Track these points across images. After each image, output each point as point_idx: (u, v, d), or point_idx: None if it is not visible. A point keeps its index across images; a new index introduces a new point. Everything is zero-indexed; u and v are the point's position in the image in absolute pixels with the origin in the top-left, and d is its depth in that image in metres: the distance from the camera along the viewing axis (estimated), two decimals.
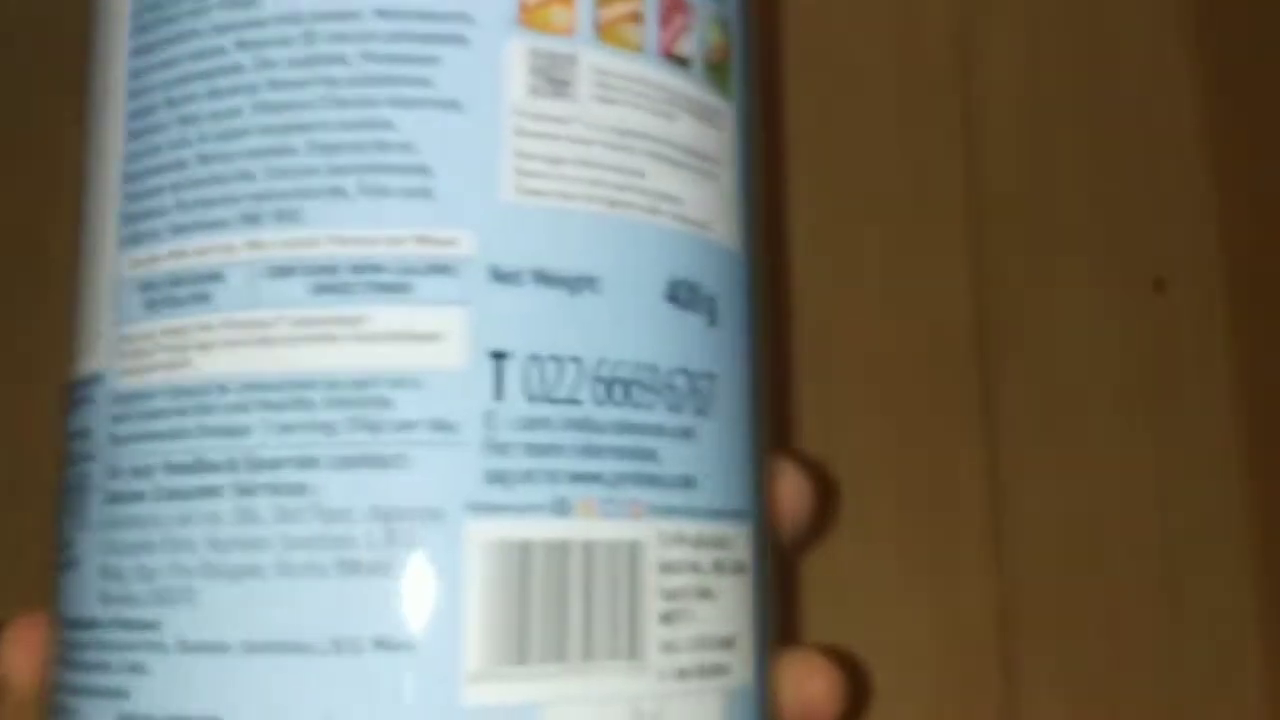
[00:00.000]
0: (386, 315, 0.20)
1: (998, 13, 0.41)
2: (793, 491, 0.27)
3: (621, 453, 0.20)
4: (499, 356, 0.20)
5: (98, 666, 0.20)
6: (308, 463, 0.19)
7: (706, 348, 0.22)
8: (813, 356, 0.37)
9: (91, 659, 0.20)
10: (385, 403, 0.19)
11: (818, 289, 0.38)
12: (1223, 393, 0.38)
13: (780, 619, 0.25)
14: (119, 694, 0.20)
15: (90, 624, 0.21)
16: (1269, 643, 0.36)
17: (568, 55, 0.21)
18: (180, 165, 0.21)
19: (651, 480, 0.21)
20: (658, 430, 0.21)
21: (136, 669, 0.20)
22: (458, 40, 0.21)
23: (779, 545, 0.26)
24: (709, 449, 0.22)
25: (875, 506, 0.37)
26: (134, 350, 0.21)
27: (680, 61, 0.23)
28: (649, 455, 0.21)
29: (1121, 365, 0.38)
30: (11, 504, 0.36)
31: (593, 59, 0.21)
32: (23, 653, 0.23)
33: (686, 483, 0.21)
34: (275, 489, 0.19)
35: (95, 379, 0.21)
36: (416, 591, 0.19)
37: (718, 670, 0.21)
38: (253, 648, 0.19)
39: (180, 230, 0.21)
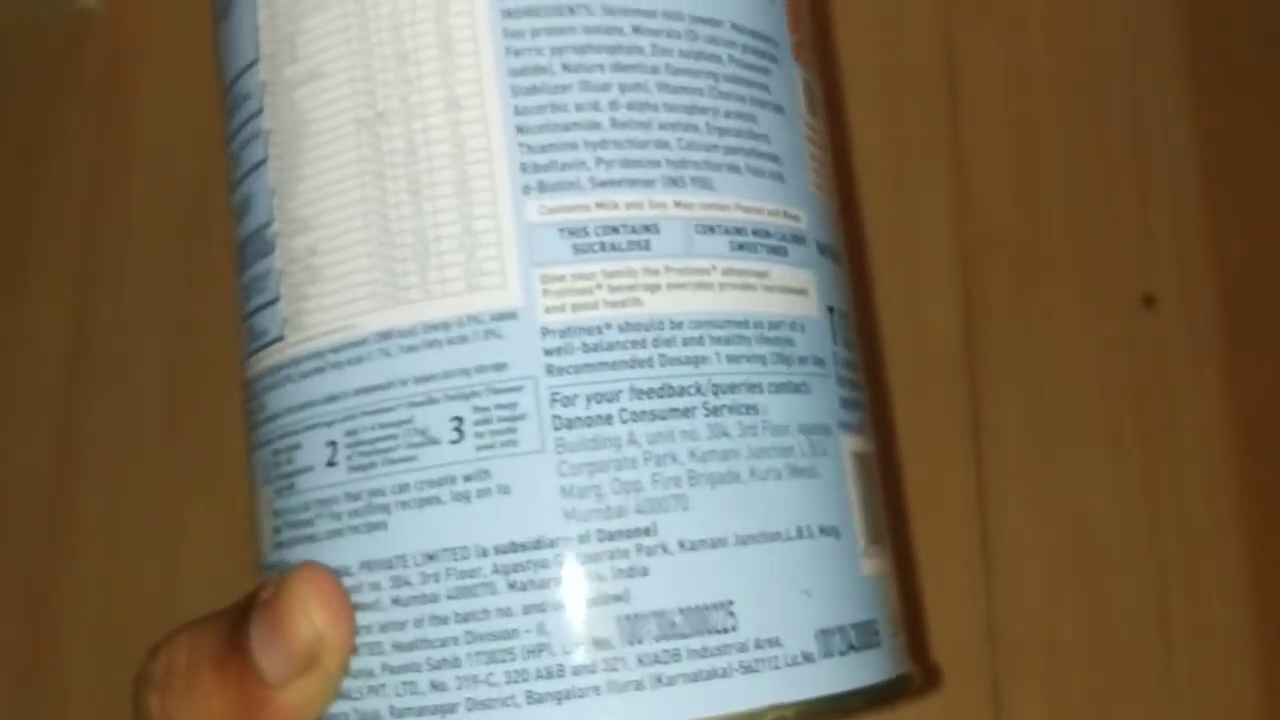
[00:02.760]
0: (779, 271, 0.25)
1: (983, 34, 0.41)
2: None
3: (864, 389, 0.27)
4: (831, 310, 0.26)
5: (570, 579, 0.22)
6: (754, 388, 0.23)
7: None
8: None
9: (557, 574, 0.22)
10: (790, 341, 0.24)
11: None
12: (1216, 410, 0.37)
13: None
14: (613, 599, 0.22)
15: (550, 542, 0.22)
16: (1265, 669, 0.35)
17: (813, 86, 0.27)
18: (593, 125, 0.23)
19: (867, 409, 0.28)
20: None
21: (633, 573, 0.22)
22: (775, 59, 0.26)
23: None
24: None
25: None
26: (569, 289, 0.23)
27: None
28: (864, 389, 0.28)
29: (1111, 383, 0.38)
30: None
31: (817, 91, 0.28)
32: (335, 610, 0.22)
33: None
34: (735, 409, 0.23)
35: (506, 315, 0.22)
36: (833, 490, 0.24)
37: None
38: (743, 540, 0.23)
39: (605, 184, 0.23)
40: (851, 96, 0.41)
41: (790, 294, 0.25)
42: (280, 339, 0.24)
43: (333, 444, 0.23)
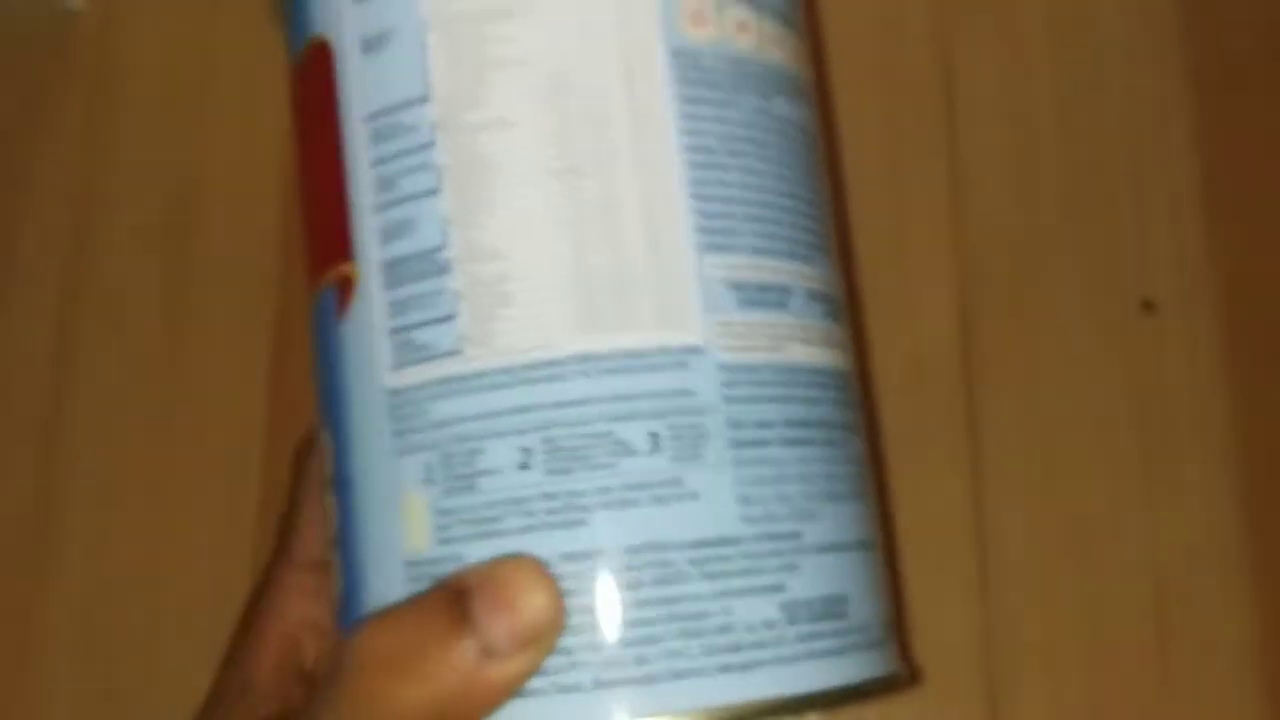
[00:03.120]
0: (839, 333, 0.31)
1: (980, 35, 0.40)
2: None
3: None
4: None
5: (747, 572, 0.26)
6: (843, 426, 0.30)
7: None
8: None
9: (738, 567, 0.26)
10: (850, 389, 0.31)
11: None
12: (1215, 414, 0.37)
13: None
14: (776, 589, 0.27)
15: (733, 540, 0.26)
16: (1264, 671, 0.35)
17: None
18: (746, 201, 0.29)
19: None
20: None
21: (789, 568, 0.27)
22: (817, 152, 0.32)
23: None
24: None
25: None
26: (736, 334, 0.28)
27: None
28: None
29: (1110, 389, 0.38)
30: None
31: None
32: (555, 592, 0.25)
33: None
34: (835, 442, 0.29)
35: (692, 350, 0.27)
36: (873, 511, 0.31)
37: None
38: (848, 546, 0.28)
39: (757, 251, 0.28)
40: (848, 98, 0.41)
41: (844, 351, 0.31)
42: (457, 353, 0.27)
43: (526, 450, 0.26)
